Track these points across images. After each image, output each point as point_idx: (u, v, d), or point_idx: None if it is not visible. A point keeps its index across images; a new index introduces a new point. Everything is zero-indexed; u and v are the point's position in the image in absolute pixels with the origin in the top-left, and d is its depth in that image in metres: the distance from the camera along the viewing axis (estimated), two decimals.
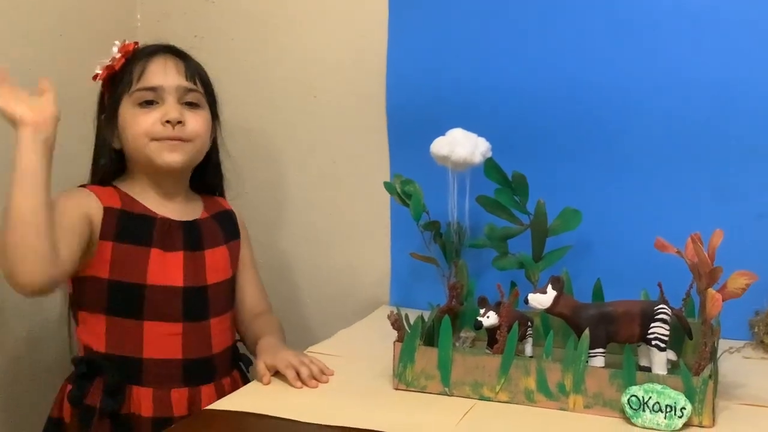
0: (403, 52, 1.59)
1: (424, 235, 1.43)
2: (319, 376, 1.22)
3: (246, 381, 1.40)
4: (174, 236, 1.34)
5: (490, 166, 1.40)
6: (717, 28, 1.39)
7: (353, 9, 1.63)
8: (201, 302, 1.35)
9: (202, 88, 1.37)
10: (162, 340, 1.31)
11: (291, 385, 1.20)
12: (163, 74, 1.33)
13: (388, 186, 1.45)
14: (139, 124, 1.31)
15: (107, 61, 1.35)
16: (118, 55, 1.34)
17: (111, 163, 1.36)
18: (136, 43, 1.37)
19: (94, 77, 1.36)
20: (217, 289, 1.38)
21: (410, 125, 1.58)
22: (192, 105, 1.35)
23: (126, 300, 1.29)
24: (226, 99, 1.72)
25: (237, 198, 1.54)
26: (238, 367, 1.42)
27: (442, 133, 1.38)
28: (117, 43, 1.35)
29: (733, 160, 1.40)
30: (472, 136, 1.37)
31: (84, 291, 1.31)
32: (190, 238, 1.36)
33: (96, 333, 1.31)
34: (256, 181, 1.74)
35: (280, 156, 1.72)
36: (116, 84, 1.34)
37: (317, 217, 1.71)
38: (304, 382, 1.20)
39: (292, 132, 1.71)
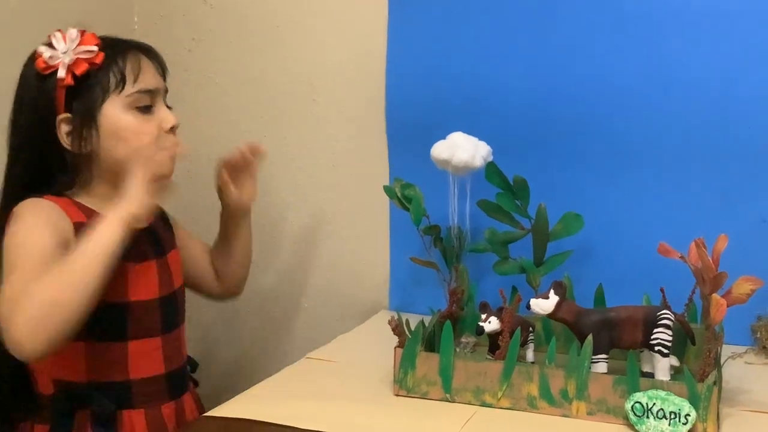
0: (403, 55, 1.58)
1: (424, 239, 1.42)
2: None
3: (195, 383, 1.36)
4: (141, 244, 1.23)
5: (491, 170, 1.39)
6: (723, 31, 1.38)
7: (353, 11, 1.62)
8: (173, 310, 1.29)
9: None
10: (146, 357, 1.23)
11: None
12: (154, 76, 1.23)
13: (388, 190, 1.44)
14: (146, 134, 1.20)
15: (78, 54, 1.17)
16: (95, 48, 1.19)
17: (68, 174, 1.20)
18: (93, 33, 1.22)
19: (67, 75, 1.17)
20: (180, 291, 1.32)
21: (410, 129, 1.57)
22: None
23: (109, 322, 1.19)
24: (224, 102, 1.73)
25: None
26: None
27: (443, 137, 1.36)
28: (74, 31, 1.18)
29: (738, 164, 1.39)
30: (472, 140, 1.36)
31: None
32: (155, 244, 1.28)
33: (73, 364, 1.18)
34: None
35: (278, 159, 1.71)
36: (90, 80, 1.19)
37: (316, 220, 1.70)
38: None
39: (292, 135, 1.70)
